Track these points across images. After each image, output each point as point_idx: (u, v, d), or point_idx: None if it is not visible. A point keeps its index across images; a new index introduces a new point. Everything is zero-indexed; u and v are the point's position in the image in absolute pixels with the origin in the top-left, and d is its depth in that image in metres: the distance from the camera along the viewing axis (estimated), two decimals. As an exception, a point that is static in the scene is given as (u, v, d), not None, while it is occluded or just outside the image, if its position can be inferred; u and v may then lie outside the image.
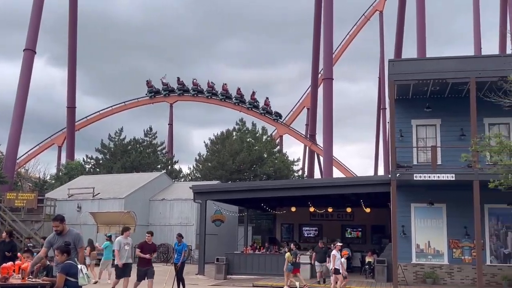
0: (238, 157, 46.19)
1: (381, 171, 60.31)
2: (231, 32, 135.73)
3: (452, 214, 21.72)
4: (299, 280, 20.32)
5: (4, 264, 9.84)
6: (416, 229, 22.10)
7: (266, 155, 48.83)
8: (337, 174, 53.67)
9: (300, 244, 32.87)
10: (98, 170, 50.46)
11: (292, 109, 61.48)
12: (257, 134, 51.71)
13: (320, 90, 49.70)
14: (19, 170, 55.93)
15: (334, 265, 17.89)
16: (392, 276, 20.49)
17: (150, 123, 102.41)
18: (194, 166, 52.79)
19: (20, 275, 9.63)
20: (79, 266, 8.59)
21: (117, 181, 38.26)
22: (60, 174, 50.98)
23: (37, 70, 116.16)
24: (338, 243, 18.95)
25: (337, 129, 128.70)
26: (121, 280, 15.57)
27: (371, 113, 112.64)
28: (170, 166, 53.43)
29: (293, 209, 32.67)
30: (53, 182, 50.49)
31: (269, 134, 54.15)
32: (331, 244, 22.61)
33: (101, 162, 51.67)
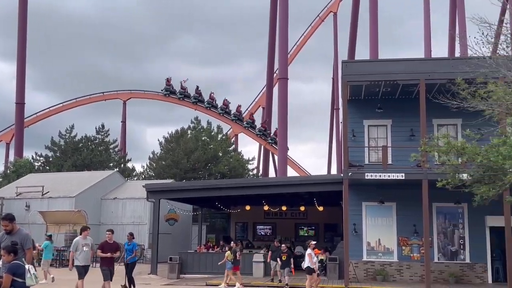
0: (192, 155, 45.92)
1: (334, 171, 61.19)
2: (187, 29, 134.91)
3: (401, 212, 22.26)
4: (238, 278, 20.72)
5: None
6: (367, 227, 22.54)
7: (221, 154, 48.72)
8: (291, 173, 54.19)
9: (253, 243, 33.12)
10: (48, 168, 49.20)
11: (247, 108, 61.59)
12: (212, 133, 51.50)
13: (275, 89, 49.96)
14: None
15: (312, 264, 18.07)
16: (343, 273, 20.86)
17: (103, 121, 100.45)
18: (148, 164, 52.21)
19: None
20: (27, 266, 8.37)
21: (67, 179, 37.37)
22: (8, 172, 49.42)
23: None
24: (312, 242, 19.14)
25: (291, 128, 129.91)
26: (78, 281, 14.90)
27: (325, 113, 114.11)
28: (123, 165, 52.57)
29: (247, 207, 32.81)
30: (0, 180, 48.91)
31: (224, 133, 54.09)
32: (280, 243, 23.01)
33: (51, 160, 50.35)
